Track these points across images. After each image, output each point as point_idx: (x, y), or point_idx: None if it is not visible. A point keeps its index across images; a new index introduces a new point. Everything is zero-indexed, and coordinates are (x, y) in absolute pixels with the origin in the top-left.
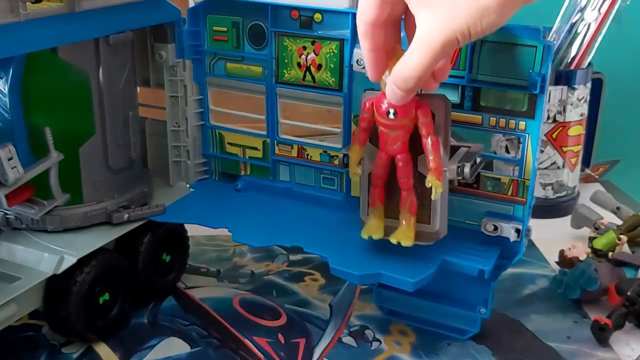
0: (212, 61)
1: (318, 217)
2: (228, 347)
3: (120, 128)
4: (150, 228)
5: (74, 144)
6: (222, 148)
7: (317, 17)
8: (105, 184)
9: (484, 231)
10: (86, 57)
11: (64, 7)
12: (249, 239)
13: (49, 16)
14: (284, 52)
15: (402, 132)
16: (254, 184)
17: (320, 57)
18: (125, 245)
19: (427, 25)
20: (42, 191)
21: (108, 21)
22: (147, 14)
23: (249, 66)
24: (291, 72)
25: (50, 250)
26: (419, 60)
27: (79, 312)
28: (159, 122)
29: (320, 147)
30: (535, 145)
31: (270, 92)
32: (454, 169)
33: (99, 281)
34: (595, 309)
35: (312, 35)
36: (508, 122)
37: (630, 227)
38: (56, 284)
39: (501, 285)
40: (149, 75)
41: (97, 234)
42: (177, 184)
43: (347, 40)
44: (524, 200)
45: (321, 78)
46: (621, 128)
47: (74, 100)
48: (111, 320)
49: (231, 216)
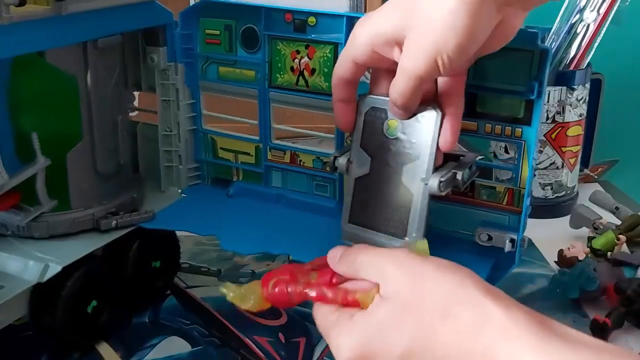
0: (205, 65)
1: (310, 223)
2: (229, 346)
3: (108, 133)
4: (140, 234)
5: (61, 149)
6: (214, 153)
7: (311, 20)
8: (93, 189)
9: (478, 241)
10: (74, 61)
11: (50, 10)
12: (238, 247)
13: (35, 20)
14: (277, 56)
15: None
16: (246, 190)
17: (314, 61)
18: (114, 252)
19: (406, 52)
20: (29, 197)
21: (96, 24)
22: (138, 16)
23: (242, 70)
24: (284, 77)
25: (36, 258)
26: (402, 85)
27: (66, 319)
28: (150, 126)
29: (313, 153)
30: (531, 153)
31: (263, 97)
32: (435, 184)
33: (87, 288)
34: (594, 309)
35: (305, 39)
36: (504, 129)
37: (629, 227)
38: (42, 292)
39: (500, 285)
40: (140, 78)
41: (85, 241)
42: (168, 189)
43: (341, 44)
44: (520, 210)
45: (315, 82)
46: (620, 128)
47: (61, 104)
48: (100, 328)
49: (221, 223)
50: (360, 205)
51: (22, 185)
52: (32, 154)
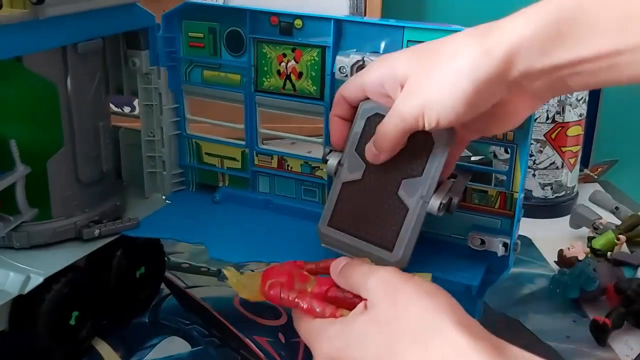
0: (189, 68)
1: (298, 229)
2: (229, 346)
3: (90, 140)
4: (124, 243)
5: (42, 157)
6: (199, 158)
7: (298, 23)
8: (75, 198)
9: (471, 245)
10: (53, 67)
11: (27, 13)
12: (226, 255)
13: (12, 24)
14: (263, 60)
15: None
16: (233, 196)
17: (300, 64)
18: (97, 261)
19: (402, 95)
20: (8, 206)
21: (76, 28)
22: (119, 20)
23: (227, 74)
24: (271, 80)
25: (16, 269)
26: (387, 124)
27: (47, 332)
28: (133, 131)
29: (301, 158)
30: (524, 157)
31: (249, 101)
32: (436, 205)
33: (69, 300)
34: (594, 309)
35: (292, 42)
36: None
37: (629, 227)
38: (23, 304)
39: (500, 284)
40: (122, 83)
41: (67, 251)
42: (152, 195)
43: (329, 47)
44: (512, 214)
45: (302, 86)
46: (620, 128)
47: (40, 111)
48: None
49: (208, 230)
50: (344, 210)
51: (1, 193)
52: (11, 161)
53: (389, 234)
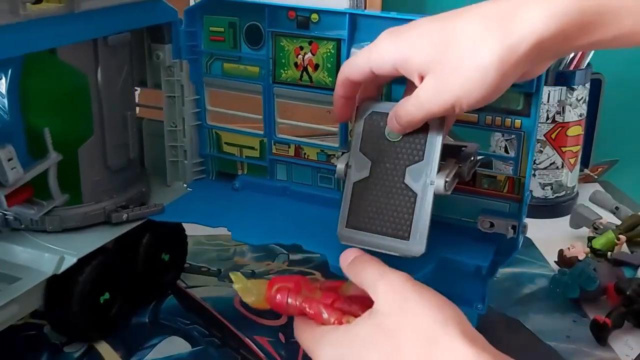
0: (209, 61)
1: (316, 215)
2: (229, 346)
3: (118, 128)
4: (149, 227)
5: (73, 145)
6: (219, 148)
7: (314, 17)
8: (104, 184)
9: (480, 228)
10: (85, 58)
11: (63, 7)
12: (248, 238)
13: (49, 17)
14: (281, 52)
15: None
16: (251, 184)
17: (317, 57)
18: (125, 244)
19: (426, 85)
20: (41, 192)
21: (107, 22)
22: (145, 14)
23: (246, 66)
24: (288, 72)
25: (50, 251)
26: (412, 111)
27: (81, 311)
28: (156, 122)
29: (318, 147)
30: (531, 144)
31: (267, 92)
32: (442, 184)
33: (100, 281)
34: (594, 309)
35: (309, 36)
36: (504, 120)
37: (629, 227)
38: (57, 284)
39: (500, 284)
40: (146, 75)
41: (97, 234)
42: (174, 183)
43: (344, 40)
44: (520, 198)
45: (318, 78)
46: (620, 128)
47: (72, 101)
48: (111, 319)
49: (229, 215)
50: (359, 209)
51: (34, 180)
52: (44, 149)
53: (403, 223)
